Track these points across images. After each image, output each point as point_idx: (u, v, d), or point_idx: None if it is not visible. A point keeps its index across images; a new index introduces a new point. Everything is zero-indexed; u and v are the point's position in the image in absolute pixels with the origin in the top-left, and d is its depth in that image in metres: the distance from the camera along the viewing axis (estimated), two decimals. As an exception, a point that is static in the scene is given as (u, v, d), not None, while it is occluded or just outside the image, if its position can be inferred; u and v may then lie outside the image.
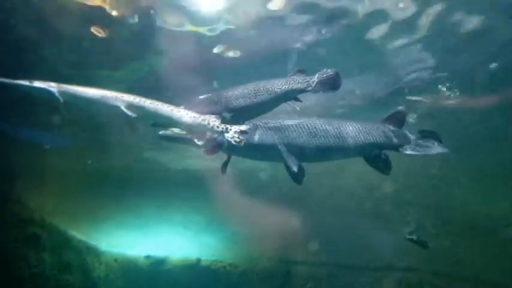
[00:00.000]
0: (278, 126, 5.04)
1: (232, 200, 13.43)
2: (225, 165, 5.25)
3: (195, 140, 4.82)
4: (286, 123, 5.08)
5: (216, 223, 15.71)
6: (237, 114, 4.76)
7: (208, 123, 4.59)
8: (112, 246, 14.04)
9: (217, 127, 4.61)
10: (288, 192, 12.74)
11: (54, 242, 10.56)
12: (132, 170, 12.52)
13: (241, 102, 4.91)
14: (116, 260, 13.53)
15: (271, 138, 5.00)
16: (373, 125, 5.28)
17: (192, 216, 15.45)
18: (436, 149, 5.12)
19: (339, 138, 5.04)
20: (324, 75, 5.08)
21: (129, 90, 4.97)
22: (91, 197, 13.62)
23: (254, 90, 4.96)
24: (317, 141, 5.01)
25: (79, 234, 12.29)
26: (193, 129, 4.62)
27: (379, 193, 13.00)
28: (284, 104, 5.18)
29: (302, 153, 4.97)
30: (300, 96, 5.16)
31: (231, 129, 4.57)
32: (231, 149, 4.95)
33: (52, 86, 4.71)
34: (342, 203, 13.51)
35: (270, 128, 5.04)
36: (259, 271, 14.38)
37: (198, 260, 14.83)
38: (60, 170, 11.93)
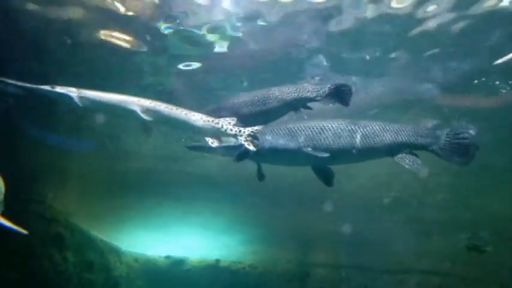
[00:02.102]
0: (304, 130, 5.01)
1: (251, 201, 13.52)
2: (259, 171, 5.23)
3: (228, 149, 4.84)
4: (312, 126, 5.02)
5: (236, 225, 15.82)
6: (246, 121, 4.80)
7: (222, 127, 4.65)
8: (133, 246, 14.29)
9: (231, 130, 4.67)
10: (308, 195, 12.82)
11: (77, 242, 10.85)
12: (152, 172, 12.73)
13: (251, 109, 4.95)
14: (136, 260, 13.78)
15: (297, 142, 4.98)
16: (402, 125, 5.19)
17: (212, 218, 15.59)
18: (463, 155, 4.92)
19: (366, 139, 4.98)
20: (335, 88, 5.00)
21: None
22: (113, 198, 13.92)
23: (264, 97, 4.98)
24: (344, 142, 4.95)
25: (101, 234, 12.57)
26: (207, 132, 4.70)
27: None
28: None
29: (330, 155, 4.89)
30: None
31: (244, 132, 4.63)
32: (257, 155, 4.95)
33: (72, 91, 4.87)
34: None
35: (296, 132, 5.01)
36: (279, 273, 14.38)
37: (217, 261, 14.94)
38: (83, 172, 12.24)
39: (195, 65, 7.16)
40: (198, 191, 13.37)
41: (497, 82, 7.18)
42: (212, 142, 4.58)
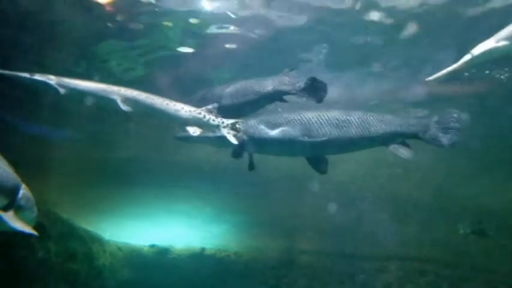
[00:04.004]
0: (299, 119, 5.02)
1: (237, 190, 13.54)
2: (251, 162, 5.27)
3: (217, 140, 4.82)
4: (307, 116, 5.08)
5: (222, 213, 15.84)
6: (226, 112, 4.78)
7: (204, 117, 4.62)
8: (117, 235, 14.22)
9: (213, 121, 4.63)
10: (294, 183, 12.89)
11: (59, 231, 10.71)
12: (136, 160, 12.64)
13: (230, 100, 4.93)
14: (120, 249, 13.69)
15: (291, 132, 4.98)
16: (394, 115, 5.39)
17: (197, 206, 15.59)
18: (451, 139, 5.14)
19: (360, 129, 5.06)
20: (311, 84, 5.03)
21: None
22: (96, 187, 13.79)
23: (243, 89, 4.96)
24: (339, 132, 5.02)
25: (84, 223, 12.46)
26: (189, 122, 4.65)
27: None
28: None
29: (325, 144, 4.99)
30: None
31: (227, 123, 4.60)
32: (252, 146, 4.95)
33: (51, 79, 4.78)
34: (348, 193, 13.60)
35: (291, 122, 5.01)
36: (264, 260, 14.47)
37: (203, 249, 14.95)
38: (65, 160, 12.08)
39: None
40: (183, 179, 13.35)
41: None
42: (193, 132, 4.54)
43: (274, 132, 4.96)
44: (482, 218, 10.32)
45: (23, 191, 3.88)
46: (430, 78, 4.77)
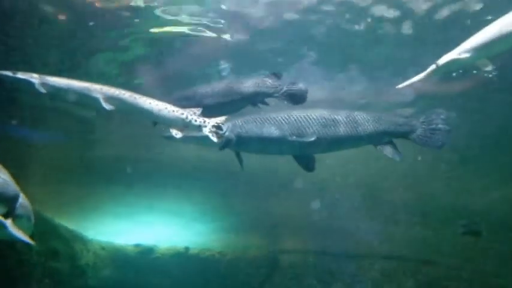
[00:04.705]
0: (287, 118, 5.06)
1: (222, 189, 13.58)
2: (240, 161, 5.30)
3: (203, 139, 4.85)
4: (295, 115, 5.11)
5: (207, 212, 15.85)
6: (207, 112, 4.83)
7: (187, 117, 4.67)
8: (101, 234, 14.14)
9: (195, 121, 4.68)
10: (276, 182, 12.99)
11: (41, 230, 10.62)
12: (120, 159, 12.58)
13: (211, 100, 4.97)
14: (103, 248, 13.63)
15: (281, 131, 5.02)
16: (382, 113, 5.46)
17: (183, 205, 15.57)
18: (439, 140, 5.23)
19: (348, 128, 5.13)
20: (293, 87, 5.08)
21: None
22: (79, 186, 13.69)
23: (224, 89, 5.00)
24: (327, 131, 5.07)
25: (67, 222, 12.37)
26: (171, 122, 4.69)
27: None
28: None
29: (312, 144, 5.02)
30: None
31: (209, 123, 4.66)
32: (240, 145, 4.98)
33: (34, 77, 4.79)
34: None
35: (279, 121, 5.06)
36: (248, 259, 14.54)
37: (187, 249, 14.95)
38: (47, 159, 11.98)
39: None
40: (168, 178, 13.34)
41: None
42: (176, 134, 4.59)
43: (262, 131, 5.00)
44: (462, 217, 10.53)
45: (21, 200, 3.97)
46: (399, 86, 4.90)
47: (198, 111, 4.64)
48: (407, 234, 14.29)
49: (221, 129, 4.63)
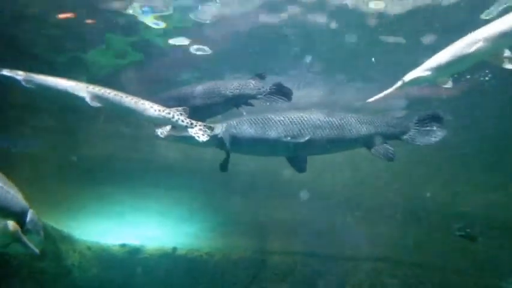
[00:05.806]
0: (282, 120, 5.06)
1: (210, 190, 13.57)
2: (225, 163, 5.23)
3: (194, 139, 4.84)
4: (289, 116, 5.12)
5: (195, 213, 15.82)
6: (192, 113, 4.83)
7: (173, 117, 4.67)
8: (87, 234, 14.03)
9: (182, 121, 4.69)
10: (263, 183, 13.03)
11: (27, 230, 10.53)
12: (108, 159, 12.51)
13: (196, 101, 4.97)
14: (90, 248, 13.53)
15: (274, 132, 5.02)
16: (375, 115, 5.50)
17: (170, 206, 15.52)
18: (434, 137, 5.28)
19: (342, 130, 5.16)
20: (277, 89, 5.11)
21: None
22: (65, 185, 13.58)
23: (209, 91, 5.01)
24: (321, 133, 5.09)
25: (53, 222, 12.25)
26: (157, 122, 4.70)
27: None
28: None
29: (307, 145, 5.03)
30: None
31: (196, 125, 4.66)
32: (232, 146, 4.96)
33: (19, 75, 4.77)
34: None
35: (274, 122, 5.06)
36: (235, 260, 14.55)
37: (174, 249, 14.92)
38: (33, 159, 11.89)
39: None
40: (156, 178, 13.30)
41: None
42: (161, 133, 4.60)
43: (256, 132, 5.00)
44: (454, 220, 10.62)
45: (31, 215, 4.02)
46: (370, 100, 4.99)
47: (185, 111, 4.65)
48: (395, 236, 14.42)
49: (211, 130, 4.64)
